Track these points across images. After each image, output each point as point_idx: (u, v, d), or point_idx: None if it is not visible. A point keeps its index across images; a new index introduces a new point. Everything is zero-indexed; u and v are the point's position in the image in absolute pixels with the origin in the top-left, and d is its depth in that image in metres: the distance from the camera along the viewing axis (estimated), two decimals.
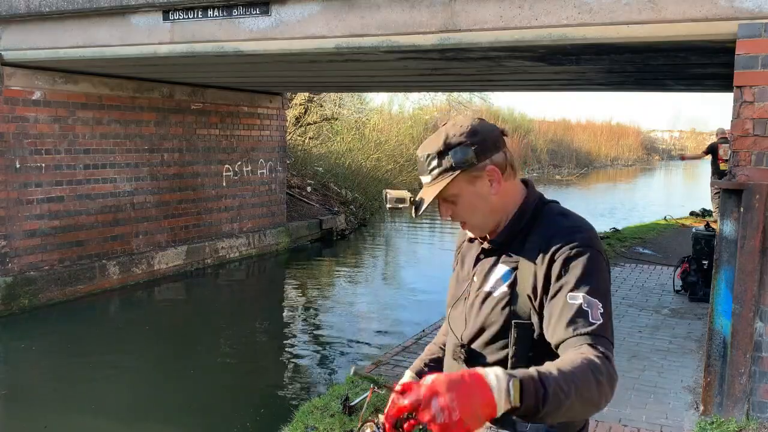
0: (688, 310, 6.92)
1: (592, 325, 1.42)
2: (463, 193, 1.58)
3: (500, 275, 1.60)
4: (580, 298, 1.44)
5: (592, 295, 1.45)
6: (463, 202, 1.60)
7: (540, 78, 8.09)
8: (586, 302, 1.44)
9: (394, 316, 8.30)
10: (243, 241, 11.18)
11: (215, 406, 5.46)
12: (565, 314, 1.45)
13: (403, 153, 20.99)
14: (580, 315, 1.43)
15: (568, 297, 1.45)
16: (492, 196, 1.59)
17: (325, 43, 5.61)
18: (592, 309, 1.43)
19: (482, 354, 1.62)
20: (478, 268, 1.68)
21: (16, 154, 7.68)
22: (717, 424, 4.04)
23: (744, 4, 4.08)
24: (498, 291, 1.59)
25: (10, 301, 7.57)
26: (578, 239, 1.51)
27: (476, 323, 1.62)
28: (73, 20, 6.70)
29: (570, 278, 1.47)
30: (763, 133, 3.94)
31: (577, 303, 1.44)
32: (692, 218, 14.04)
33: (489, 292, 1.61)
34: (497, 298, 1.59)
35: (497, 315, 1.58)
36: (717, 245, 4.14)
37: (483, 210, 1.61)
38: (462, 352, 1.65)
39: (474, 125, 1.58)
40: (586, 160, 40.82)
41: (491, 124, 1.62)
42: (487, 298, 1.61)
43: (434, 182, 1.58)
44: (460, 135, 1.56)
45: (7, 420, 5.30)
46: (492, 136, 1.59)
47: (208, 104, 10.51)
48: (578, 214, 1.63)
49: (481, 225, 1.64)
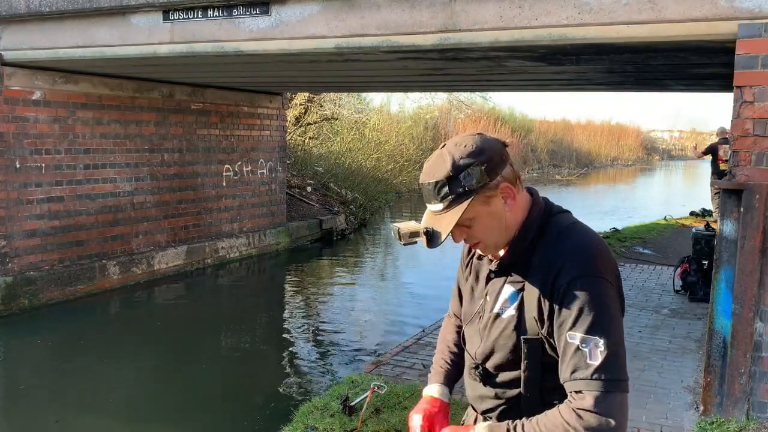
0: (688, 310, 6.92)
1: (588, 367, 1.42)
2: (479, 215, 1.52)
3: (507, 296, 1.59)
4: (578, 338, 1.43)
5: (591, 333, 1.42)
6: (479, 225, 1.54)
7: (540, 78, 8.09)
8: (584, 342, 1.43)
9: (394, 316, 8.30)
10: (243, 241, 11.18)
11: (215, 406, 5.46)
12: (566, 355, 1.45)
13: (403, 153, 20.99)
14: (576, 356, 1.43)
15: (567, 337, 1.45)
16: (506, 213, 1.55)
17: (325, 43, 5.61)
18: (590, 349, 1.42)
19: (495, 374, 1.63)
20: (490, 288, 1.65)
21: (16, 154, 7.68)
22: (717, 424, 4.04)
23: (744, 4, 4.08)
24: (506, 313, 1.58)
25: (10, 301, 7.57)
26: (579, 267, 1.47)
27: (487, 344, 1.63)
28: (73, 20, 6.70)
29: (569, 315, 1.45)
30: (763, 133, 3.94)
31: (575, 344, 1.43)
32: (692, 218, 14.04)
33: (498, 314, 1.60)
34: (506, 321, 1.58)
35: (506, 337, 1.57)
36: (717, 245, 4.14)
37: (498, 228, 1.56)
38: (477, 373, 1.66)
39: (478, 143, 1.51)
40: (586, 160, 40.82)
41: (493, 138, 1.56)
42: (496, 320, 1.60)
43: (447, 210, 1.50)
44: (467, 156, 1.49)
45: (7, 420, 5.29)
46: (497, 151, 1.52)
47: (208, 104, 10.51)
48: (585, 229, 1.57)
49: (497, 243, 1.59)
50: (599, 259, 1.49)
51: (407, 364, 5.32)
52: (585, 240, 1.53)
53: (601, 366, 1.41)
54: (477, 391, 1.69)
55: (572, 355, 1.43)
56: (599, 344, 1.42)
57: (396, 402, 4.38)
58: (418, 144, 22.71)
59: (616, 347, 1.44)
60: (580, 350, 1.42)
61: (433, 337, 6.06)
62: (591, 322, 1.43)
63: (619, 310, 1.50)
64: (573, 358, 1.43)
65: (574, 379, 1.43)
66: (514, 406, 1.61)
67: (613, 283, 1.50)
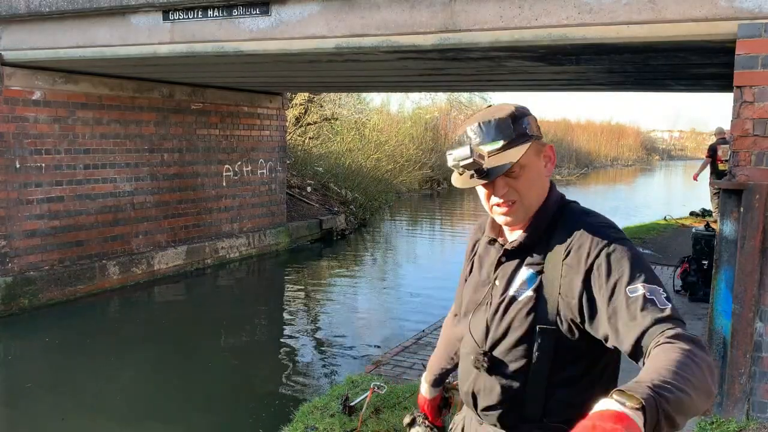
0: (688, 310, 6.92)
1: (664, 311, 1.34)
2: (530, 165, 1.51)
3: (525, 278, 1.54)
4: (641, 288, 1.37)
5: (650, 282, 1.38)
6: (527, 176, 1.52)
7: (540, 78, 8.09)
8: (649, 291, 1.37)
9: (394, 316, 8.30)
10: (243, 241, 11.18)
11: (215, 406, 5.46)
12: (633, 309, 1.36)
13: (403, 153, 21.00)
14: (648, 304, 1.35)
15: (628, 291, 1.38)
16: (545, 176, 1.56)
17: (325, 43, 5.61)
18: (657, 296, 1.37)
19: (503, 361, 1.56)
20: (500, 272, 1.60)
21: (16, 154, 7.68)
22: (717, 424, 4.04)
23: (744, 4, 4.08)
24: (523, 295, 1.53)
25: (10, 301, 7.57)
26: (612, 234, 1.46)
27: (499, 329, 1.56)
28: (73, 20, 6.70)
29: (622, 272, 1.40)
30: (763, 133, 3.94)
31: (640, 294, 1.36)
32: (692, 218, 14.04)
33: (514, 297, 1.54)
34: (522, 303, 1.52)
35: (521, 320, 1.52)
36: (717, 245, 4.14)
37: (538, 189, 1.55)
38: (485, 360, 1.57)
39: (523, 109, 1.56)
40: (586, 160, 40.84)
41: None
42: (512, 303, 1.54)
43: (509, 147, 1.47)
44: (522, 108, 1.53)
45: (7, 420, 5.29)
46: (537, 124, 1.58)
47: (208, 104, 10.51)
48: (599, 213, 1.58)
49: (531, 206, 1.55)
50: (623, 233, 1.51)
51: (407, 364, 5.32)
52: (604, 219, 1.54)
53: (672, 309, 1.36)
54: (478, 383, 1.61)
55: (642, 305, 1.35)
56: (661, 291, 1.38)
57: (396, 402, 4.38)
58: (418, 144, 22.72)
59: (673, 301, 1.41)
60: (648, 299, 1.35)
61: (433, 338, 6.06)
62: (646, 274, 1.40)
63: None
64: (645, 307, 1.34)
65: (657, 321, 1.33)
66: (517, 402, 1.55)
67: None
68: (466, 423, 1.73)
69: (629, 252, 1.43)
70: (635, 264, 1.41)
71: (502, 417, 1.58)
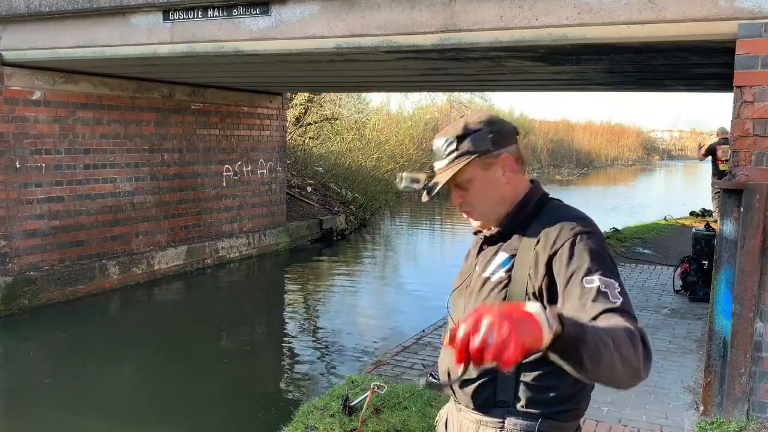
0: (688, 310, 6.92)
1: (614, 303, 1.42)
2: (476, 178, 1.64)
3: (500, 262, 1.65)
4: (597, 280, 1.45)
5: (607, 276, 1.46)
6: (475, 188, 1.65)
7: (540, 78, 8.09)
8: (603, 284, 1.45)
9: (394, 315, 8.30)
10: (243, 241, 11.18)
11: (215, 406, 5.46)
12: (585, 299, 1.44)
13: (403, 153, 20.99)
14: (599, 296, 1.43)
15: (584, 282, 1.46)
16: (504, 184, 1.65)
17: (325, 43, 5.61)
18: (610, 289, 1.44)
19: None
20: (480, 258, 1.73)
21: (16, 154, 7.68)
22: (717, 424, 4.04)
23: (744, 4, 4.08)
24: (496, 276, 1.63)
25: (10, 301, 7.57)
26: (580, 224, 1.56)
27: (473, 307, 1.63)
28: (73, 20, 6.70)
29: (580, 263, 1.48)
30: (763, 133, 3.94)
31: (595, 286, 1.45)
32: (692, 218, 14.03)
33: (487, 278, 1.65)
34: (494, 282, 1.63)
35: (493, 299, 1.61)
36: (717, 245, 4.14)
37: (493, 198, 1.66)
38: None
39: (492, 116, 1.68)
40: (587, 160, 40.83)
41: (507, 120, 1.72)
42: (485, 284, 1.65)
43: (450, 166, 1.63)
44: (479, 122, 1.64)
45: (7, 420, 5.29)
46: (508, 130, 1.68)
47: (208, 104, 10.51)
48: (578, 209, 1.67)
49: (488, 213, 1.69)
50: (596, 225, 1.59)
51: (407, 364, 5.32)
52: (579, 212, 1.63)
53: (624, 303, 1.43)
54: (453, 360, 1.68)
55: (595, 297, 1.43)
56: (616, 286, 1.45)
57: (396, 402, 4.37)
58: (418, 144, 22.71)
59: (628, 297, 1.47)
60: (601, 292, 1.43)
61: (432, 337, 6.06)
62: (604, 268, 1.47)
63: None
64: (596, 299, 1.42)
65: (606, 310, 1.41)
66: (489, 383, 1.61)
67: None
68: (449, 414, 1.81)
69: (593, 245, 1.51)
70: (596, 257, 1.49)
71: (475, 395, 1.64)
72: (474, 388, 1.64)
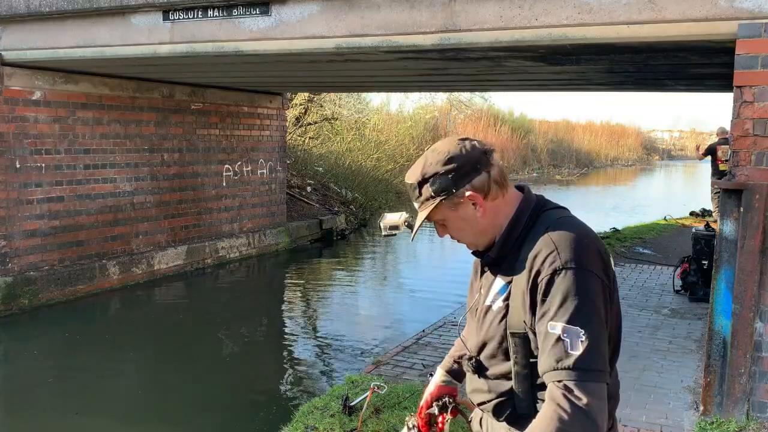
0: (688, 310, 6.92)
1: (569, 357, 1.43)
2: (448, 218, 1.64)
3: (498, 289, 1.64)
4: (559, 328, 1.45)
5: (573, 323, 1.44)
6: (451, 226, 1.66)
7: (540, 78, 8.09)
8: (566, 332, 1.44)
9: (394, 316, 8.30)
10: (243, 241, 11.18)
11: (215, 406, 5.46)
12: (546, 345, 1.47)
13: (403, 153, 20.98)
14: (558, 346, 1.44)
15: (548, 327, 1.46)
16: (478, 218, 1.62)
17: (325, 43, 5.61)
18: (572, 339, 1.44)
19: (488, 366, 1.68)
20: (483, 281, 1.72)
21: (16, 154, 7.68)
22: (717, 424, 4.04)
23: (744, 4, 4.08)
24: (496, 305, 1.63)
25: (10, 301, 7.57)
26: (562, 257, 1.48)
27: (480, 336, 1.68)
28: (73, 20, 6.70)
29: (551, 305, 1.47)
30: (763, 133, 3.94)
31: (556, 333, 1.45)
32: (692, 218, 14.04)
33: (489, 306, 1.65)
34: (495, 312, 1.63)
35: (495, 329, 1.62)
36: (717, 245, 4.14)
37: (471, 231, 1.65)
38: (471, 364, 1.70)
39: (451, 152, 1.59)
40: (586, 160, 40.81)
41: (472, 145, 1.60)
42: (487, 312, 1.66)
43: (421, 208, 1.65)
44: (436, 164, 1.59)
45: (7, 420, 5.29)
46: (470, 160, 1.58)
47: (208, 104, 10.51)
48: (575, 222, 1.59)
49: (475, 242, 1.69)
50: (584, 251, 1.50)
51: (407, 364, 5.32)
52: (571, 233, 1.53)
53: (581, 358, 1.43)
54: (472, 383, 1.74)
55: (553, 345, 1.45)
56: (580, 335, 1.43)
57: (396, 402, 4.37)
58: (418, 144, 22.70)
59: (597, 338, 1.46)
60: (561, 340, 1.44)
61: (432, 338, 6.06)
62: (573, 312, 1.44)
63: (603, 301, 1.50)
64: (554, 348, 1.44)
65: (556, 369, 1.44)
66: (507, 401, 1.64)
67: (599, 275, 1.50)
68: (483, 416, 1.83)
69: (568, 282, 1.46)
70: (568, 299, 1.46)
71: (496, 413, 1.69)
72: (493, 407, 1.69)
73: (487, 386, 1.68)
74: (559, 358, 1.44)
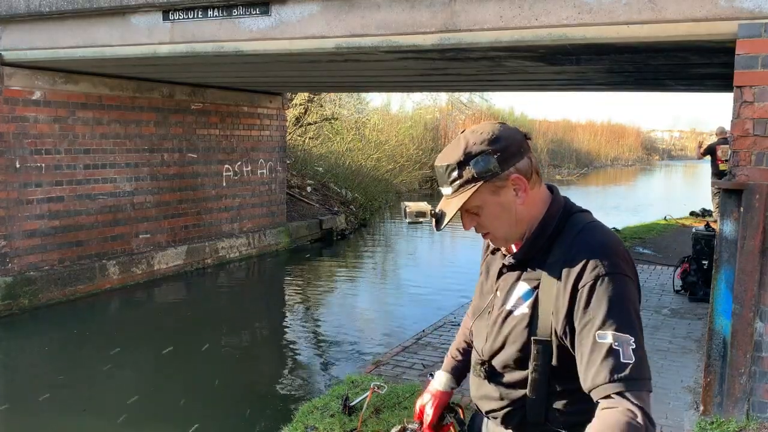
0: (688, 310, 6.92)
1: (624, 367, 1.35)
2: (486, 204, 1.51)
3: (521, 294, 1.54)
4: (610, 336, 1.37)
5: (622, 331, 1.37)
6: (487, 214, 1.52)
7: (540, 78, 8.09)
8: (617, 341, 1.37)
9: (394, 315, 8.29)
10: (243, 241, 11.18)
11: (215, 406, 5.46)
12: (595, 356, 1.38)
13: (403, 153, 20.99)
14: (610, 356, 1.36)
15: (597, 336, 1.38)
16: (518, 206, 1.51)
17: (325, 43, 5.61)
18: (623, 347, 1.36)
19: (502, 373, 1.59)
20: (501, 283, 1.61)
21: (16, 154, 7.68)
22: (717, 424, 4.04)
23: (744, 4, 4.08)
24: (518, 311, 1.54)
25: (10, 301, 7.57)
26: (604, 263, 1.42)
27: (497, 341, 1.58)
28: (73, 20, 6.70)
29: (597, 313, 1.39)
30: (763, 133, 3.93)
31: (607, 342, 1.37)
32: (692, 218, 14.04)
33: (510, 311, 1.56)
34: (518, 318, 1.54)
35: (517, 335, 1.53)
36: (717, 245, 4.14)
37: (508, 221, 1.53)
38: (483, 370, 1.62)
39: (495, 131, 1.49)
40: (586, 160, 40.82)
41: (513, 128, 1.54)
42: (508, 317, 1.56)
43: (455, 194, 1.50)
44: (480, 143, 1.48)
45: (7, 420, 5.29)
46: (515, 142, 1.50)
47: (208, 104, 10.51)
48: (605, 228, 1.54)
49: (506, 236, 1.57)
50: (621, 256, 1.46)
51: (407, 364, 5.32)
52: (606, 238, 1.49)
53: (636, 367, 1.36)
54: (481, 389, 1.66)
55: (605, 355, 1.36)
56: (631, 342, 1.37)
57: (396, 402, 4.38)
58: (418, 144, 22.71)
59: (643, 344, 1.41)
60: (613, 350, 1.36)
61: (432, 338, 6.06)
62: (621, 320, 1.39)
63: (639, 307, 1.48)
64: (607, 358, 1.36)
65: (610, 381, 1.36)
66: (518, 409, 1.58)
67: (633, 279, 1.48)
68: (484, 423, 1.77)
69: (614, 291, 1.41)
70: (614, 307, 1.39)
71: (504, 421, 1.62)
72: (503, 416, 1.61)
73: (498, 393, 1.60)
74: (613, 368, 1.35)
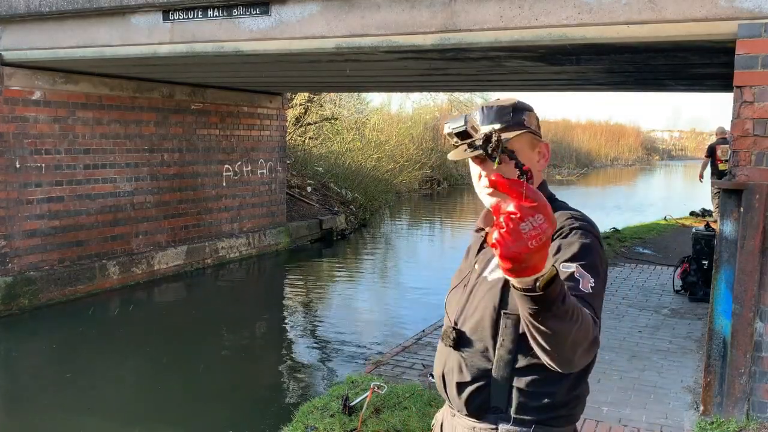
0: (688, 310, 6.92)
1: (581, 292, 1.40)
2: (522, 152, 1.57)
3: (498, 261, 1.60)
4: (573, 267, 1.44)
5: (586, 270, 1.44)
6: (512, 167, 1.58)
7: (540, 78, 8.09)
8: (579, 273, 1.43)
9: (394, 315, 8.30)
10: (243, 241, 11.18)
11: (215, 406, 5.46)
12: None
13: (403, 153, 20.99)
14: (570, 281, 1.41)
15: (561, 266, 1.43)
16: (537, 171, 1.64)
17: (325, 43, 5.61)
18: (583, 279, 1.42)
19: (470, 338, 1.61)
20: (480, 257, 1.69)
21: (16, 154, 7.68)
22: (717, 424, 4.04)
23: (744, 4, 4.08)
24: (493, 276, 1.59)
25: (10, 301, 7.57)
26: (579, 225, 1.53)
27: (470, 307, 1.63)
28: (73, 20, 6.70)
29: (566, 253, 1.47)
30: (763, 133, 3.94)
31: (569, 271, 1.43)
32: (692, 218, 14.04)
33: (485, 277, 1.62)
34: (491, 283, 1.59)
35: (489, 299, 1.57)
36: (717, 245, 4.14)
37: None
38: (452, 332, 1.64)
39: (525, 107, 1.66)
40: (586, 160, 40.83)
41: None
42: (482, 283, 1.62)
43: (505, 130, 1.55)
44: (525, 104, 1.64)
45: (7, 421, 5.29)
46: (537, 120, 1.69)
47: (208, 104, 10.51)
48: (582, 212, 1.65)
49: None
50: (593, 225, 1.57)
51: (407, 364, 5.32)
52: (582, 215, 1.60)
53: (591, 296, 1.41)
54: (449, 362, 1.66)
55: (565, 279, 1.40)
56: (590, 281, 1.43)
57: (396, 402, 4.38)
58: (418, 144, 22.71)
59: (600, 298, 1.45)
60: (574, 278, 1.42)
61: (432, 338, 6.06)
62: (586, 263, 1.45)
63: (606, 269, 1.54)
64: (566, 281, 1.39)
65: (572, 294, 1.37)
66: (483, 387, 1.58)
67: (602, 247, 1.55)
68: (444, 418, 1.78)
69: (585, 241, 1.49)
70: (583, 251, 1.47)
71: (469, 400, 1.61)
72: (468, 393, 1.62)
73: (464, 363, 1.61)
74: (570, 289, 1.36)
